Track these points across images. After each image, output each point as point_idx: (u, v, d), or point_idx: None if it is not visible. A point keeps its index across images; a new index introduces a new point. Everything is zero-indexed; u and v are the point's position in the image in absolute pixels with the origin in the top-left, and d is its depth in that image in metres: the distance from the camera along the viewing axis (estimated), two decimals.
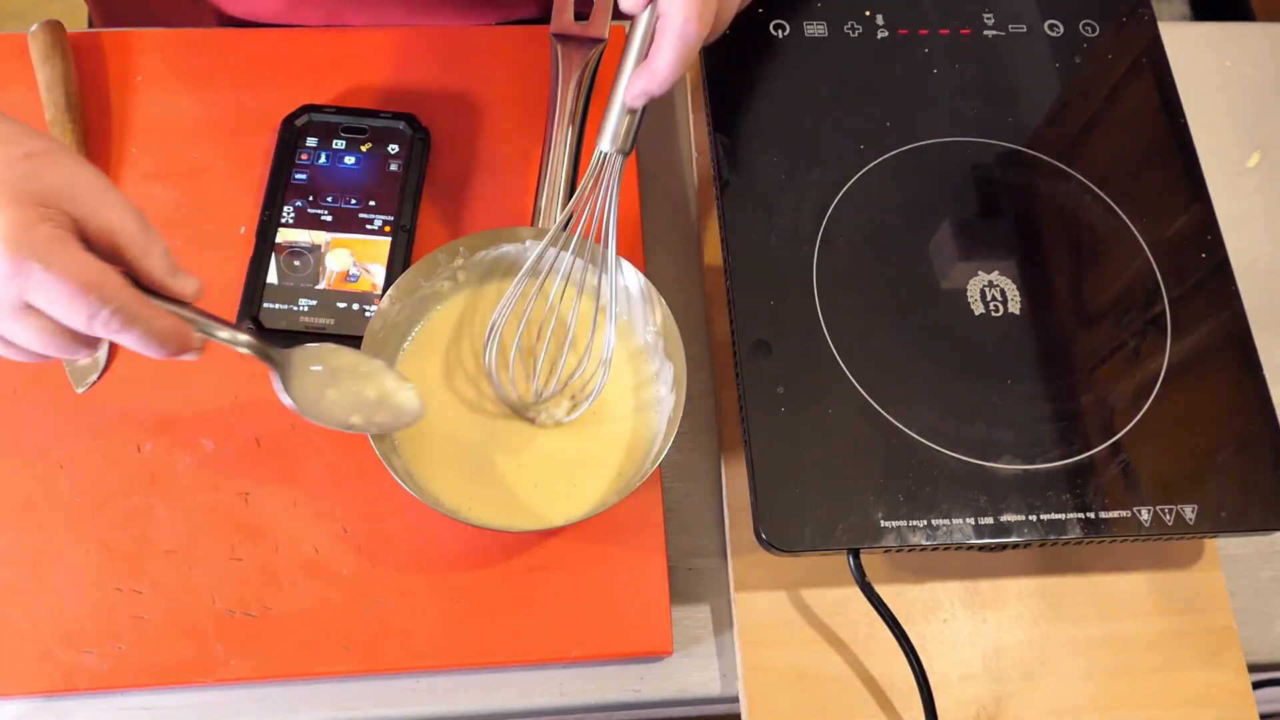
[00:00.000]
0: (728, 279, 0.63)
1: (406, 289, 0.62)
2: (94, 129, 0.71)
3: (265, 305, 0.65)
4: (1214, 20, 0.88)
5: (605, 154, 0.56)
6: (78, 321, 0.46)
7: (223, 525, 0.61)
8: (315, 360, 0.56)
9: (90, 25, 0.96)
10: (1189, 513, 0.59)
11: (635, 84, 0.54)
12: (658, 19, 0.52)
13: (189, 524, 0.61)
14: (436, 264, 0.62)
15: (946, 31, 0.72)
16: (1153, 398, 0.62)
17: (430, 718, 0.61)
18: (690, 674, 0.62)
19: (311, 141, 0.69)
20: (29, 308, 0.46)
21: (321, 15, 0.77)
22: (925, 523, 0.57)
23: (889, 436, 0.59)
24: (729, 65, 0.69)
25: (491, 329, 0.61)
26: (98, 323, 0.46)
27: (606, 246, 0.59)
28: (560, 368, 0.61)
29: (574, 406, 0.62)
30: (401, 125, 0.70)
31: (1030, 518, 0.58)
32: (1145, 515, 0.59)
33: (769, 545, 0.57)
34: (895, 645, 0.58)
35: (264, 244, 0.66)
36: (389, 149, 0.69)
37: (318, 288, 0.66)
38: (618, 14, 0.78)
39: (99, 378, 0.64)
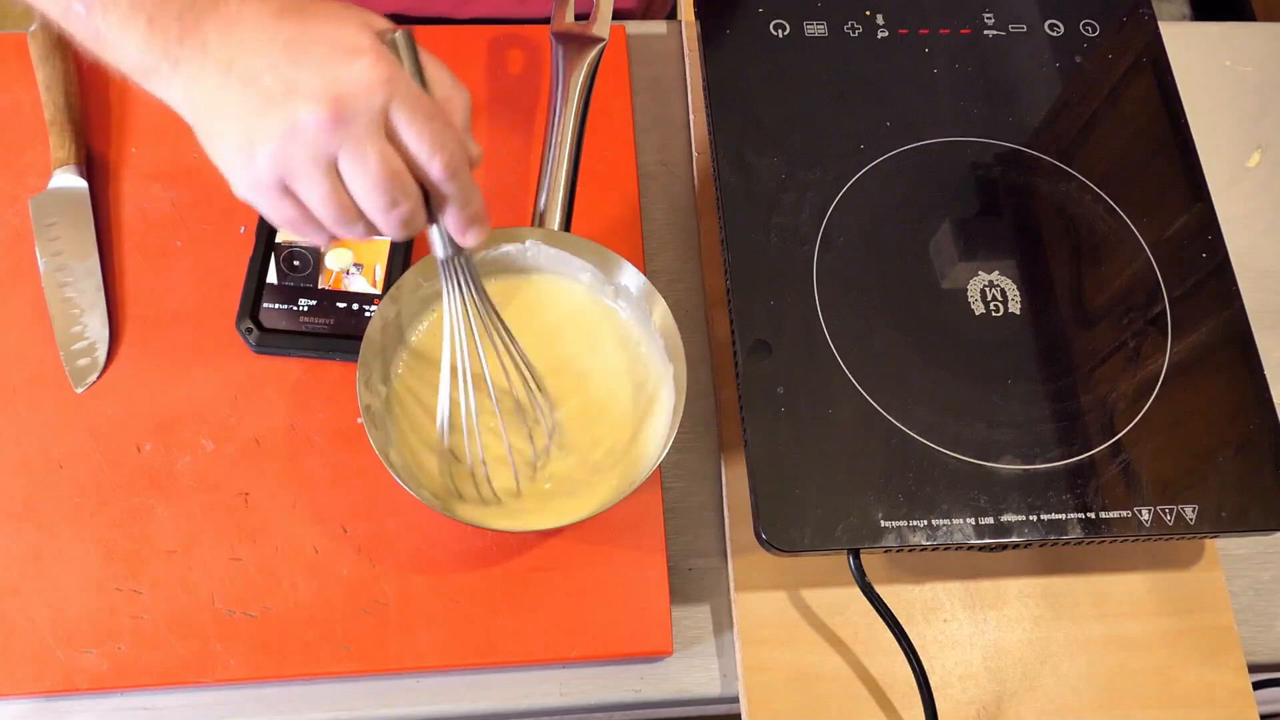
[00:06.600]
0: (728, 279, 0.63)
1: (406, 289, 0.61)
2: (94, 129, 0.71)
3: (265, 305, 0.65)
4: (1214, 20, 0.88)
5: (442, 260, 0.54)
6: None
7: (223, 525, 0.61)
8: None
9: None
10: (1189, 513, 0.59)
11: (457, 235, 0.53)
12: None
13: (189, 524, 0.61)
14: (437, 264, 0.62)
15: (946, 31, 0.72)
16: (1153, 398, 0.62)
17: (430, 718, 0.61)
18: (690, 674, 0.62)
19: None
20: (369, 134, 0.46)
21: None
22: (925, 523, 0.57)
23: (889, 436, 0.59)
24: (729, 65, 0.69)
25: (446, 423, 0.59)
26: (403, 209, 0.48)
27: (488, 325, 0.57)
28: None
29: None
30: None
31: (1030, 518, 0.58)
32: (1146, 515, 0.59)
33: (769, 545, 0.57)
34: (895, 645, 0.58)
35: (264, 244, 0.66)
36: None
37: (318, 288, 0.66)
38: (618, 14, 0.78)
39: (99, 378, 0.64)
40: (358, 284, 0.66)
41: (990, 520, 0.58)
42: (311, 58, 0.46)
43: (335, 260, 0.66)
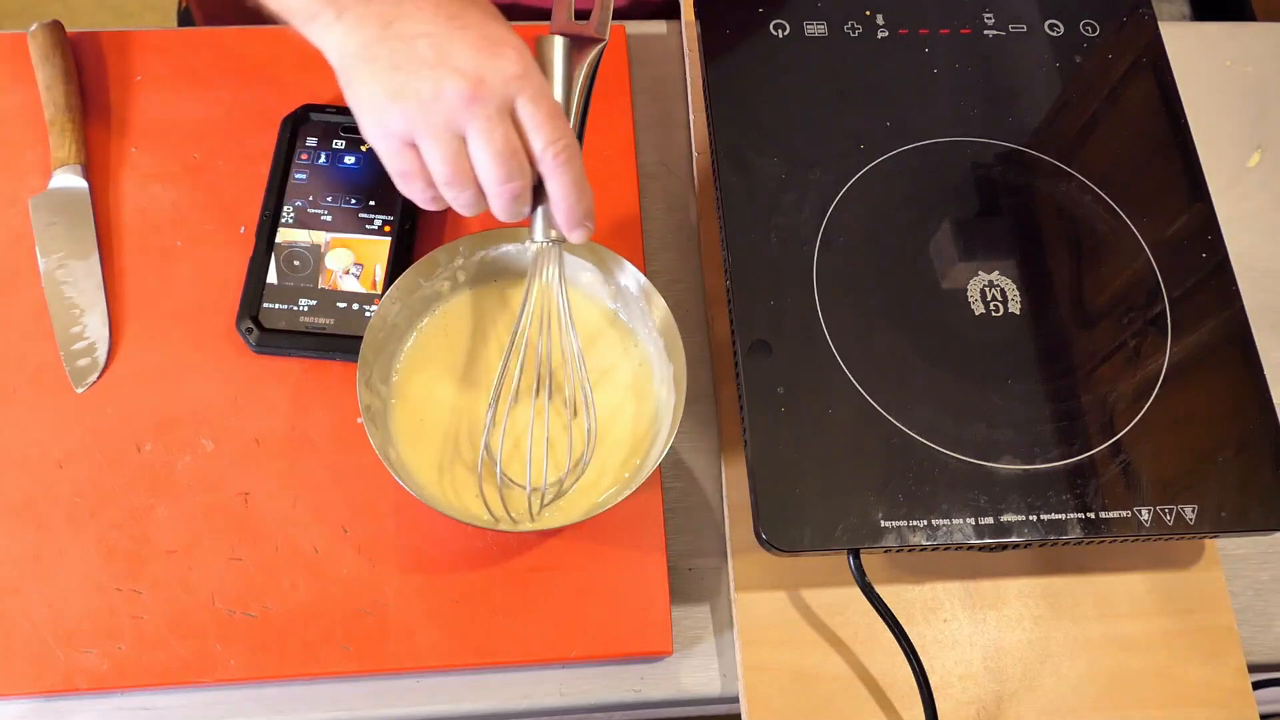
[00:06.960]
0: (728, 279, 0.63)
1: (406, 289, 0.62)
2: (94, 129, 0.71)
3: (265, 305, 0.65)
4: (1214, 20, 0.88)
5: (540, 244, 0.57)
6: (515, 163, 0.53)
7: (223, 525, 0.61)
8: None
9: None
10: (1189, 513, 0.59)
11: (564, 228, 0.56)
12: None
13: (189, 524, 0.61)
14: (436, 264, 0.62)
15: (946, 31, 0.72)
16: (1153, 398, 0.62)
17: (430, 718, 0.61)
18: (690, 674, 0.62)
19: (311, 141, 0.69)
20: (499, 116, 0.52)
21: None
22: (925, 523, 0.57)
23: (889, 436, 0.59)
24: (729, 65, 0.69)
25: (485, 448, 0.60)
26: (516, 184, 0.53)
27: (566, 330, 0.60)
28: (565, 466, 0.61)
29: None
30: None
31: (1030, 518, 0.58)
32: (1145, 515, 0.59)
33: (769, 545, 0.57)
34: (895, 645, 0.58)
35: (264, 244, 0.66)
36: None
37: (318, 288, 0.66)
38: (618, 14, 0.78)
39: (99, 378, 0.64)
40: (357, 284, 0.66)
41: (990, 520, 0.58)
42: (467, 38, 0.52)
43: (335, 260, 0.66)
